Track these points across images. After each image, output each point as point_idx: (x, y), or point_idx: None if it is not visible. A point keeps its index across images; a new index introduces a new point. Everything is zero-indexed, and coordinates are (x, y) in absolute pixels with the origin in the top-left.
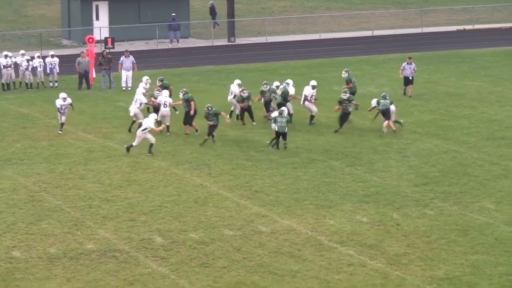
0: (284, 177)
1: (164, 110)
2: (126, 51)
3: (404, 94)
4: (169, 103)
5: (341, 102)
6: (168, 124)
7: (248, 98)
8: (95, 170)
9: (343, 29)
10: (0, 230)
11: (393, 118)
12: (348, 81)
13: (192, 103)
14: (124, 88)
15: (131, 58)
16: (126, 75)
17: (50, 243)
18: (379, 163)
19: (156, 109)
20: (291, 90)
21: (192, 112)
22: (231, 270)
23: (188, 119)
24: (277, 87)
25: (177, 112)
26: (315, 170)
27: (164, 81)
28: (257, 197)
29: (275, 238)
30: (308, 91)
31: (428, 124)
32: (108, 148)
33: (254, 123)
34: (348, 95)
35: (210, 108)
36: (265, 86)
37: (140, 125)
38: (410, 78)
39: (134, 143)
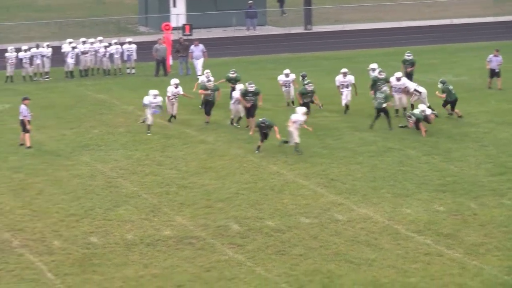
0: (361, 166)
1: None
2: (196, 40)
3: (489, 87)
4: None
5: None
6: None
7: (312, 93)
8: (172, 156)
9: (421, 17)
10: (78, 216)
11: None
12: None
13: (260, 96)
14: (199, 76)
15: (201, 46)
16: (196, 64)
17: (127, 229)
18: (456, 152)
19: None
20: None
21: (259, 103)
22: (308, 258)
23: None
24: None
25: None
26: (392, 159)
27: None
28: (333, 185)
29: (351, 226)
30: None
31: (505, 113)
32: (185, 134)
33: (321, 107)
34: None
35: (265, 122)
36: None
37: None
38: (497, 70)
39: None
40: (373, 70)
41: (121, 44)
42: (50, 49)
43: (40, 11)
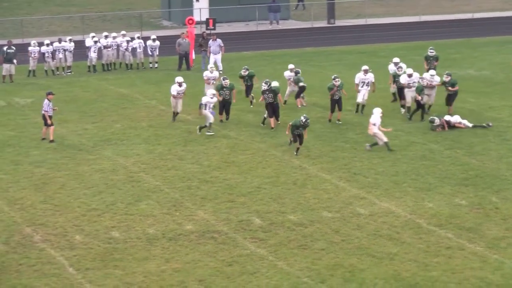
0: (383, 160)
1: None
2: (213, 35)
3: None
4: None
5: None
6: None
7: (341, 87)
8: (194, 151)
9: (443, 12)
10: (100, 210)
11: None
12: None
13: (279, 96)
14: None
15: (218, 41)
16: (214, 58)
17: (149, 223)
18: (478, 146)
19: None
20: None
21: (281, 102)
22: (330, 252)
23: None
24: (396, 63)
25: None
26: (414, 153)
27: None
28: (355, 179)
29: (373, 220)
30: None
31: None
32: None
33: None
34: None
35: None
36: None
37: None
38: None
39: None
40: (396, 64)
41: (144, 38)
42: (72, 43)
43: (62, 5)
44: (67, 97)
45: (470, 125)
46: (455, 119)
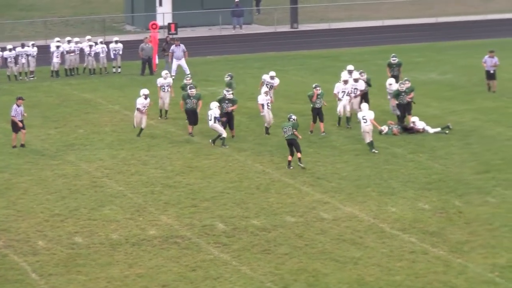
0: (347, 164)
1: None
2: (177, 40)
3: (488, 89)
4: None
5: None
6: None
7: (321, 96)
8: (157, 156)
9: (406, 16)
10: (63, 216)
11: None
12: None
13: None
14: (173, 77)
15: (182, 46)
16: (177, 64)
17: (112, 229)
18: (441, 150)
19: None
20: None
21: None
22: (293, 257)
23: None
24: (350, 71)
25: None
26: (377, 157)
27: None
28: (319, 184)
29: (337, 225)
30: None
31: (490, 111)
32: (171, 134)
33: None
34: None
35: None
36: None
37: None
38: (491, 72)
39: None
40: (350, 71)
41: (107, 43)
42: (35, 48)
43: (25, 10)
44: (30, 102)
45: (432, 131)
46: (418, 124)
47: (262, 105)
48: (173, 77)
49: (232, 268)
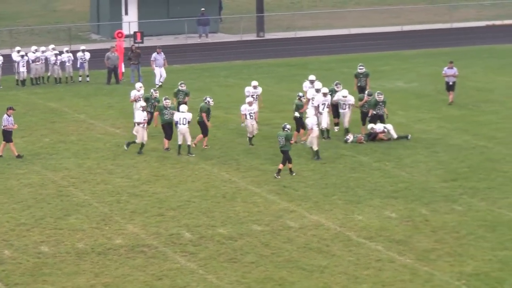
0: (313, 172)
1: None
2: (159, 47)
3: (450, 102)
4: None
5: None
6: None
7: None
8: (123, 165)
9: (372, 24)
10: (29, 225)
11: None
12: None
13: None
14: (158, 85)
15: (163, 54)
16: (160, 72)
17: (78, 238)
18: (407, 159)
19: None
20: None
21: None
22: (259, 266)
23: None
24: (312, 81)
25: None
26: (344, 166)
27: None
28: (285, 192)
29: (303, 233)
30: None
31: (456, 120)
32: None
33: None
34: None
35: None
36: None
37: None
38: (450, 83)
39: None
40: (311, 81)
41: (73, 52)
42: (1, 57)
43: None
44: None
45: (395, 136)
46: (376, 127)
47: (245, 115)
48: (157, 85)
49: (199, 276)
